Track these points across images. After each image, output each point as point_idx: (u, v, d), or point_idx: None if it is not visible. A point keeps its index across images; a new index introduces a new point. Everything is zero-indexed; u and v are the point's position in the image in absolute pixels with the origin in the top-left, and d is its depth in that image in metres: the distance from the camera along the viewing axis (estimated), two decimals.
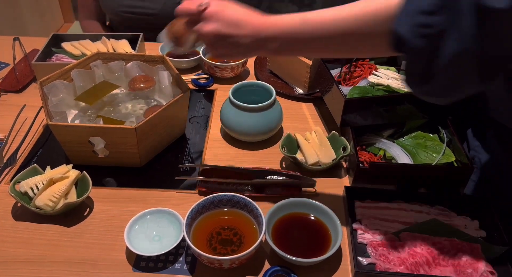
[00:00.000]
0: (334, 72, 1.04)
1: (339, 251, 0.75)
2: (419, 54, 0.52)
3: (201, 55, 1.19)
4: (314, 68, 1.07)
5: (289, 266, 0.71)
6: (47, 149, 0.97)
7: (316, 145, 0.92)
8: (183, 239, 0.71)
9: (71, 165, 0.86)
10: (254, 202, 0.75)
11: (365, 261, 0.71)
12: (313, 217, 0.78)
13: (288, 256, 0.68)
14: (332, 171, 0.91)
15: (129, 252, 0.74)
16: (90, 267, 0.72)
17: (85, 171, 0.84)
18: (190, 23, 0.67)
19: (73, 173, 0.83)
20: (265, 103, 0.93)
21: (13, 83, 1.17)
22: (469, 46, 0.48)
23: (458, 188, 0.85)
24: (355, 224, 0.77)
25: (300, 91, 1.15)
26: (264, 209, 0.74)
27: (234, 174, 0.88)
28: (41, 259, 0.74)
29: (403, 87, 0.90)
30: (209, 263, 0.69)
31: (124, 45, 1.21)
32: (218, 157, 0.96)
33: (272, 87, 0.98)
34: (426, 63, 0.52)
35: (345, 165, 0.93)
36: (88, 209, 0.82)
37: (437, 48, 0.50)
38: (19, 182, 0.81)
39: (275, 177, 0.86)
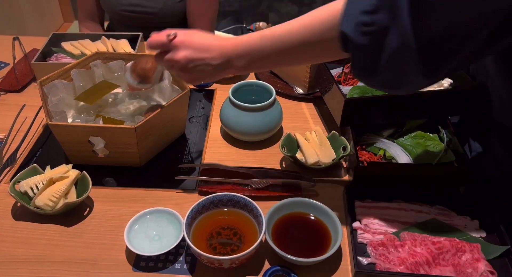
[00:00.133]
0: (334, 71, 1.04)
1: (339, 251, 0.75)
2: (364, 50, 0.56)
3: None
4: (314, 68, 1.07)
5: (289, 266, 0.71)
6: (47, 149, 0.97)
7: (316, 145, 0.92)
8: (183, 239, 0.71)
9: (71, 165, 0.86)
10: (254, 202, 0.75)
11: (365, 261, 0.71)
12: (313, 217, 0.78)
13: (288, 256, 0.68)
14: (332, 171, 0.91)
15: (129, 252, 0.74)
16: (90, 267, 0.72)
17: (85, 171, 0.84)
18: (160, 55, 0.73)
19: (73, 173, 0.83)
20: (265, 102, 0.93)
21: (12, 83, 1.17)
22: (408, 40, 0.51)
23: (458, 188, 0.85)
24: (355, 224, 0.77)
25: (300, 90, 1.15)
26: (264, 208, 0.74)
27: (234, 174, 0.88)
28: (40, 259, 0.74)
29: None
30: (209, 263, 0.69)
31: (124, 45, 1.21)
32: (218, 157, 0.96)
33: (272, 87, 0.98)
34: (371, 58, 0.56)
35: (345, 165, 0.93)
36: (88, 209, 0.82)
37: (380, 44, 0.54)
38: (19, 182, 0.81)
39: (275, 177, 0.86)
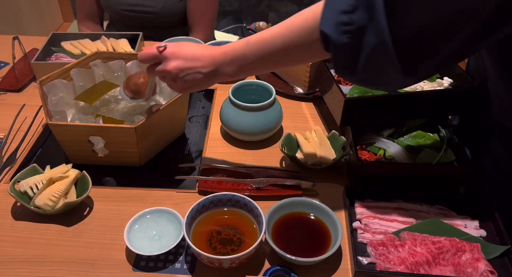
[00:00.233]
0: (334, 71, 1.03)
1: (339, 250, 0.75)
2: (344, 50, 0.58)
3: None
4: (314, 67, 1.07)
5: (289, 266, 0.71)
6: (47, 149, 0.97)
7: (316, 144, 0.92)
8: (183, 239, 0.71)
9: (70, 165, 0.86)
10: (254, 202, 0.75)
11: (365, 260, 0.71)
12: (313, 217, 0.78)
13: (288, 256, 0.68)
14: (332, 170, 0.91)
15: (128, 252, 0.74)
16: (89, 267, 0.72)
17: (84, 171, 0.84)
18: (151, 67, 0.76)
19: (73, 173, 0.83)
20: (265, 102, 0.93)
21: (12, 82, 1.17)
22: (385, 39, 0.53)
23: (458, 188, 0.85)
24: (355, 224, 0.77)
25: (300, 90, 1.15)
26: (264, 208, 0.74)
27: (234, 174, 0.88)
28: (40, 258, 0.73)
29: None
30: (209, 263, 0.69)
31: (123, 45, 1.21)
32: (218, 157, 0.96)
33: (272, 87, 0.98)
34: (351, 57, 0.58)
35: (345, 165, 0.93)
36: (87, 209, 0.82)
37: (359, 43, 0.56)
38: (18, 182, 0.81)
39: (275, 177, 0.86)
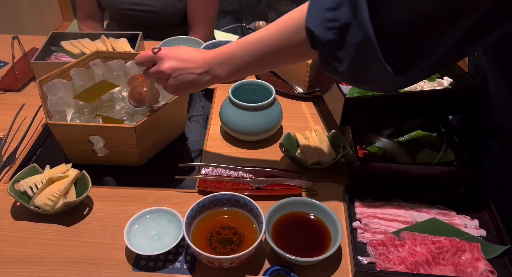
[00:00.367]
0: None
1: (339, 250, 0.75)
2: (329, 47, 0.58)
3: None
4: (314, 67, 1.07)
5: (289, 265, 0.71)
6: (46, 148, 0.97)
7: (316, 144, 0.92)
8: (183, 239, 0.71)
9: (70, 164, 0.86)
10: (253, 201, 0.75)
11: (365, 260, 0.71)
12: (313, 216, 0.78)
13: (288, 256, 0.68)
14: (332, 170, 0.90)
15: (128, 252, 0.74)
16: (89, 267, 0.72)
17: (84, 170, 0.84)
18: (147, 69, 0.78)
19: (73, 172, 0.83)
20: (265, 102, 0.93)
21: (12, 82, 1.16)
22: (369, 36, 0.54)
23: (457, 187, 0.85)
24: (355, 223, 0.77)
25: (300, 90, 1.15)
26: (264, 208, 0.74)
27: (233, 173, 0.88)
28: (40, 258, 0.73)
29: None
30: (209, 263, 0.69)
31: (123, 44, 1.21)
32: (217, 156, 0.96)
33: (271, 86, 0.98)
34: (337, 54, 0.58)
35: (345, 164, 0.93)
36: (87, 208, 0.82)
37: (344, 40, 0.56)
38: (18, 181, 0.81)
39: (275, 176, 0.86)
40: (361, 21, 0.54)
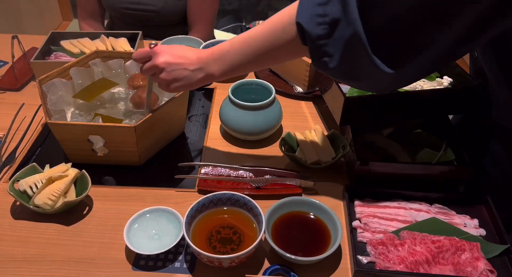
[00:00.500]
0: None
1: (339, 249, 0.75)
2: (319, 42, 0.59)
3: None
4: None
5: (288, 265, 0.71)
6: (46, 148, 0.97)
7: (315, 143, 0.92)
8: (183, 238, 0.71)
9: (70, 164, 0.85)
10: (253, 201, 0.75)
11: (364, 259, 0.71)
12: (312, 216, 0.78)
13: (287, 255, 0.68)
14: (331, 169, 0.90)
15: (128, 251, 0.74)
16: (89, 266, 0.72)
17: (84, 170, 0.84)
18: (143, 66, 0.79)
19: (72, 172, 0.83)
20: (265, 101, 0.93)
21: (11, 81, 1.16)
22: (358, 31, 0.54)
23: (457, 187, 0.85)
24: (355, 223, 0.77)
25: (299, 89, 1.14)
26: (263, 207, 0.74)
27: (233, 173, 0.88)
28: (39, 258, 0.73)
29: None
30: (208, 262, 0.69)
31: (123, 43, 1.21)
32: (217, 156, 0.96)
33: (271, 86, 0.98)
34: (326, 49, 0.59)
35: (344, 164, 0.93)
36: (87, 208, 0.82)
37: (334, 35, 0.57)
38: (18, 181, 0.81)
39: (275, 176, 0.86)
40: (350, 16, 0.54)
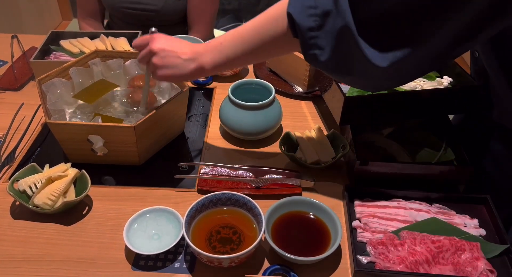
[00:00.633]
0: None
1: (339, 249, 0.75)
2: (310, 33, 0.58)
3: None
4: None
5: (288, 265, 0.71)
6: (46, 148, 0.96)
7: (315, 143, 0.92)
8: (182, 238, 0.71)
9: (69, 164, 0.85)
10: (253, 201, 0.75)
11: (364, 259, 0.71)
12: (312, 216, 0.78)
13: (287, 255, 0.68)
14: (331, 169, 0.90)
15: (128, 251, 0.74)
16: (88, 266, 0.72)
17: (83, 170, 0.83)
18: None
19: (72, 172, 0.83)
20: (265, 101, 0.93)
21: (11, 81, 1.16)
22: (348, 23, 0.54)
23: (457, 187, 0.85)
24: (355, 223, 0.77)
25: (299, 89, 1.14)
26: (263, 207, 0.74)
27: (233, 173, 0.88)
28: (39, 257, 0.73)
29: (403, 86, 0.90)
30: (208, 262, 0.68)
31: (122, 43, 1.21)
32: (217, 156, 0.96)
33: (271, 85, 0.98)
34: (317, 42, 0.59)
35: (344, 164, 0.92)
36: (86, 208, 0.82)
37: (324, 26, 0.57)
38: (17, 181, 0.81)
39: (275, 176, 0.85)
40: (340, 8, 0.54)
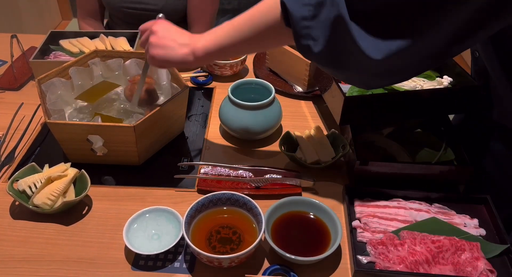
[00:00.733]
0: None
1: (339, 249, 0.75)
2: (303, 23, 0.58)
3: None
4: (313, 65, 1.07)
5: (288, 265, 0.71)
6: (45, 147, 0.96)
7: (315, 143, 0.92)
8: (182, 238, 0.71)
9: (69, 163, 0.85)
10: (253, 201, 0.75)
11: (364, 259, 0.71)
12: (312, 216, 0.78)
13: (287, 255, 0.68)
14: (331, 169, 0.90)
15: (127, 251, 0.74)
16: (88, 266, 0.72)
17: (83, 170, 0.83)
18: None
19: (72, 172, 0.83)
20: (264, 101, 0.93)
21: (10, 81, 1.16)
22: (342, 13, 0.54)
23: (457, 187, 0.85)
24: (355, 223, 0.77)
25: (299, 89, 1.14)
26: (263, 207, 0.74)
27: (233, 173, 0.88)
28: (39, 257, 0.73)
29: (403, 85, 0.90)
30: (208, 262, 0.68)
31: (122, 43, 1.21)
32: (217, 155, 0.95)
33: (271, 85, 0.98)
34: (311, 32, 0.58)
35: (344, 164, 0.92)
36: (86, 208, 0.82)
37: (318, 16, 0.56)
38: (17, 181, 0.81)
39: (274, 176, 0.85)
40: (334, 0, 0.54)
